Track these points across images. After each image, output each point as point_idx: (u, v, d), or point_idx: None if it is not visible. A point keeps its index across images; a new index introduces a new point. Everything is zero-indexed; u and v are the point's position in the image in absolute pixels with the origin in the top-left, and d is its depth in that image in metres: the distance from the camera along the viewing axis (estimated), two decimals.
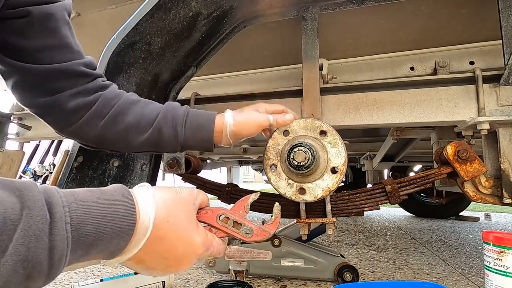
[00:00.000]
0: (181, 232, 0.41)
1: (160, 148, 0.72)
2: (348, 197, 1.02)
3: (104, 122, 0.67)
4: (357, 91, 1.05)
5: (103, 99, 0.67)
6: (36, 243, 0.28)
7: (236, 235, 0.50)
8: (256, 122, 0.74)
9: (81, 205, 0.33)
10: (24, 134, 1.71)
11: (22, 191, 0.29)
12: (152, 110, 0.70)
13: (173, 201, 0.42)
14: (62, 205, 0.31)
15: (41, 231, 0.28)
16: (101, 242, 0.34)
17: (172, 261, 0.41)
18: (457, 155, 0.91)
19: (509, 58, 0.85)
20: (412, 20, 1.12)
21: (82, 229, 0.32)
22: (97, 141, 0.70)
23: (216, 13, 0.97)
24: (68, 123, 0.67)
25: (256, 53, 1.36)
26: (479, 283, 1.21)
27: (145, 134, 0.68)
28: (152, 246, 0.39)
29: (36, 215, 0.28)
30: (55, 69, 0.60)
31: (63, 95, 0.63)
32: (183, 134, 0.70)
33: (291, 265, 1.20)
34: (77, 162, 0.82)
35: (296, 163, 0.78)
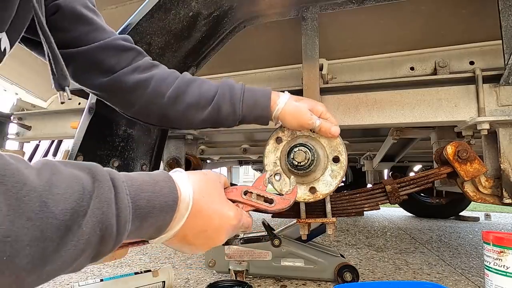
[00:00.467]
0: (216, 205, 0.46)
1: (218, 125, 0.76)
2: (348, 197, 1.02)
3: (166, 101, 0.71)
4: (357, 91, 1.05)
5: (158, 78, 0.71)
6: (107, 208, 0.32)
7: (261, 206, 0.55)
8: (301, 120, 0.74)
9: (135, 182, 0.38)
10: (24, 134, 1.71)
11: (91, 168, 0.34)
12: (210, 88, 0.73)
13: (204, 180, 0.47)
14: (122, 180, 0.36)
15: (109, 199, 0.33)
16: (152, 215, 0.38)
17: (211, 232, 0.45)
18: (457, 155, 0.91)
19: (509, 58, 0.85)
20: (412, 20, 1.12)
21: (137, 202, 0.36)
22: (160, 120, 0.75)
23: (216, 13, 0.97)
24: (130, 103, 0.72)
25: (256, 53, 1.36)
26: (479, 283, 1.21)
27: (205, 112, 0.72)
28: (193, 220, 0.43)
29: (105, 186, 0.33)
30: (99, 46, 0.65)
31: (119, 74, 0.68)
32: (241, 111, 0.73)
33: (291, 265, 1.20)
34: None
35: (297, 163, 0.78)
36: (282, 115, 0.74)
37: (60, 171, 0.30)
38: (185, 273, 1.33)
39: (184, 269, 1.39)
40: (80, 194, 0.30)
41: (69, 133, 1.62)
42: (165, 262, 1.55)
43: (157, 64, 0.75)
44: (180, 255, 1.67)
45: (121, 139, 0.92)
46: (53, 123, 1.68)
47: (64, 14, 0.62)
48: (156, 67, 0.74)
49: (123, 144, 0.93)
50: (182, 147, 1.26)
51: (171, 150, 1.26)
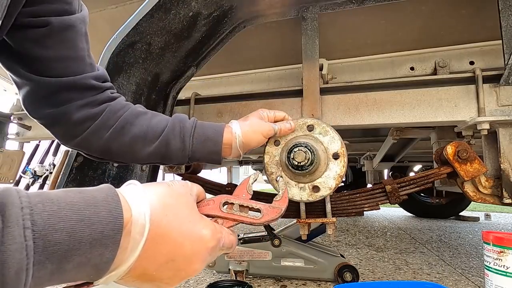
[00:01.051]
0: (185, 225, 0.35)
1: (166, 161, 0.71)
2: (348, 197, 1.02)
3: (110, 133, 0.66)
4: (357, 91, 1.05)
5: (109, 110, 0.66)
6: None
7: (245, 219, 0.45)
8: (263, 132, 0.74)
9: (49, 207, 0.26)
10: (24, 134, 1.71)
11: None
12: (160, 121, 0.69)
13: (168, 194, 0.37)
14: (21, 206, 0.25)
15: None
16: (78, 253, 0.27)
17: (181, 262, 0.35)
18: (457, 155, 0.91)
19: (509, 58, 0.85)
20: (412, 20, 1.12)
21: (50, 236, 0.25)
22: (102, 152, 0.69)
23: (216, 13, 0.97)
24: (73, 135, 0.66)
25: (256, 53, 1.36)
26: (479, 283, 1.21)
27: (152, 145, 0.68)
28: (154, 248, 0.33)
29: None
30: (66, 82, 0.60)
31: (70, 107, 0.63)
32: (191, 147, 0.69)
33: (291, 265, 1.20)
34: (77, 162, 0.82)
35: (297, 163, 0.78)
36: (245, 138, 0.71)
37: None
38: None
39: None
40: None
41: None
42: None
43: (116, 97, 0.69)
44: None
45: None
46: None
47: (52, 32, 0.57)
48: (112, 100, 0.68)
49: None
50: None
51: None
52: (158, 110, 1.05)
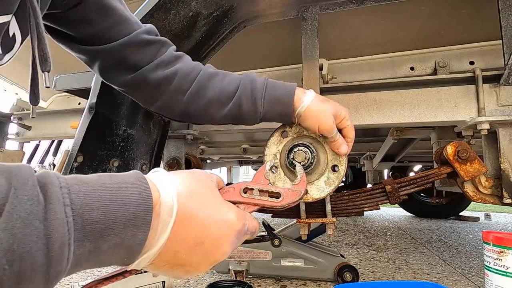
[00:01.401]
0: (210, 207, 0.36)
1: (240, 121, 0.73)
2: (348, 197, 1.02)
3: (187, 97, 0.70)
4: (357, 91, 1.05)
5: (182, 73, 0.69)
6: (23, 229, 0.22)
7: (266, 203, 0.46)
8: (321, 125, 0.68)
9: (84, 187, 0.27)
10: (24, 134, 1.71)
11: (11, 171, 0.24)
12: (231, 82, 0.71)
13: (191, 179, 0.37)
14: (60, 185, 0.26)
15: (29, 214, 0.23)
16: (113, 232, 0.27)
17: (209, 245, 0.34)
18: (457, 155, 0.91)
19: (509, 58, 0.85)
20: (412, 20, 1.12)
21: (87, 214, 0.26)
22: (182, 116, 0.74)
23: (216, 13, 0.97)
24: (153, 99, 0.71)
25: (256, 53, 1.36)
26: (479, 283, 1.21)
27: (225, 108, 0.70)
28: (183, 229, 0.32)
29: (23, 195, 0.23)
30: (122, 43, 0.64)
31: (144, 70, 0.67)
32: (262, 108, 0.70)
33: (291, 265, 1.20)
34: (77, 162, 0.82)
35: (296, 162, 0.78)
36: (305, 113, 0.70)
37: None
38: None
39: None
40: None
41: (69, 133, 1.62)
42: None
43: (181, 56, 0.73)
44: None
45: (121, 139, 0.92)
46: (53, 123, 1.68)
47: (88, 5, 0.60)
48: (180, 60, 0.72)
49: (123, 144, 0.93)
50: (182, 147, 1.26)
51: (171, 150, 1.26)
52: None
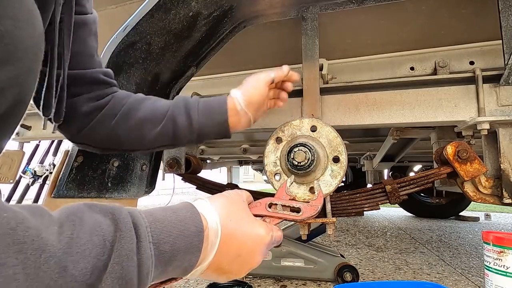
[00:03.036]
0: (245, 226, 0.44)
1: (176, 141, 0.71)
2: (348, 197, 1.02)
3: (116, 120, 0.67)
4: (357, 91, 1.05)
5: (114, 100, 0.68)
6: (127, 262, 0.30)
7: (288, 217, 0.54)
8: (260, 81, 0.72)
9: (159, 225, 0.35)
10: (24, 134, 1.71)
11: (114, 214, 0.32)
12: (164, 103, 0.71)
13: (228, 203, 0.45)
14: (145, 225, 0.34)
15: (131, 250, 0.31)
16: (176, 259, 0.36)
17: (246, 256, 0.43)
18: (457, 155, 0.91)
19: (509, 58, 0.85)
20: (412, 20, 1.12)
21: (161, 247, 0.34)
22: (109, 141, 0.70)
23: (216, 13, 0.97)
24: (80, 127, 0.67)
25: (256, 53, 1.36)
26: (479, 283, 1.21)
27: (158, 126, 0.68)
28: (225, 247, 0.41)
29: (127, 236, 0.31)
30: (78, 74, 0.63)
31: (78, 99, 0.65)
32: (198, 119, 0.69)
33: (291, 265, 1.20)
34: (77, 162, 0.82)
35: (297, 163, 0.78)
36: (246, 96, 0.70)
37: (83, 223, 0.29)
38: None
39: None
40: (101, 248, 0.29)
41: None
42: None
43: (118, 90, 0.72)
44: None
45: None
46: None
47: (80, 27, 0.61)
48: (116, 90, 0.71)
49: None
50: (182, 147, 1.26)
51: (171, 150, 1.26)
52: None
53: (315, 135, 0.81)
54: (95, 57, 0.67)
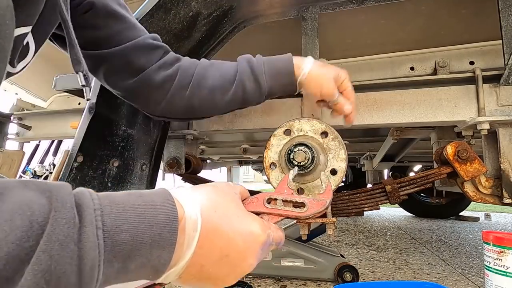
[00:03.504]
0: (234, 221, 0.36)
1: (246, 103, 0.74)
2: (348, 197, 1.02)
3: (189, 90, 0.70)
4: (357, 91, 1.04)
5: (182, 70, 0.71)
6: (60, 251, 0.24)
7: (290, 213, 0.45)
8: (324, 89, 0.72)
9: (116, 209, 0.28)
10: (24, 134, 1.71)
11: (52, 191, 0.26)
12: (229, 67, 0.73)
13: (214, 192, 0.38)
14: (94, 207, 0.27)
15: (66, 236, 0.24)
16: (139, 253, 0.29)
17: (235, 258, 0.35)
18: (457, 155, 0.91)
19: (509, 58, 0.85)
20: (412, 20, 1.12)
21: (117, 236, 0.27)
22: (187, 111, 0.73)
23: (216, 13, 0.97)
24: (157, 100, 0.71)
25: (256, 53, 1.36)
26: (479, 283, 1.21)
27: (229, 92, 0.71)
28: (207, 243, 0.33)
29: (62, 218, 0.25)
30: (130, 46, 0.66)
31: (147, 73, 0.68)
32: (266, 83, 0.70)
33: (291, 265, 1.20)
34: (77, 162, 0.82)
35: (296, 163, 0.78)
36: (307, 80, 0.71)
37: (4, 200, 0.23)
38: None
39: None
40: (25, 231, 0.22)
41: (69, 133, 1.62)
42: None
43: (180, 58, 0.75)
44: None
45: (121, 139, 0.92)
46: (53, 123, 1.68)
47: (97, 12, 0.62)
48: (180, 60, 0.74)
49: (123, 144, 0.93)
50: (182, 147, 1.26)
51: (171, 150, 1.26)
52: None
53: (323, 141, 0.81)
54: (137, 26, 0.69)
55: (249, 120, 1.13)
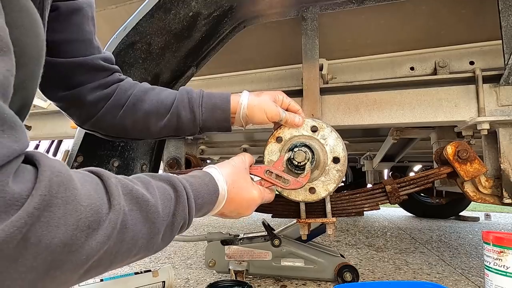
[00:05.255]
0: (244, 192, 0.61)
1: (179, 132, 0.74)
2: (348, 197, 1.02)
3: (123, 111, 0.70)
4: (357, 91, 1.05)
5: (120, 90, 0.70)
6: (184, 209, 0.47)
7: (278, 184, 0.67)
8: (268, 112, 0.73)
9: (194, 187, 0.51)
10: None
11: (171, 181, 0.47)
12: (168, 95, 0.72)
13: (233, 173, 0.60)
14: (189, 188, 0.50)
15: (185, 202, 0.47)
16: (204, 207, 0.53)
17: (242, 209, 0.62)
18: (457, 155, 0.91)
19: (509, 58, 0.85)
20: (412, 20, 1.12)
21: (197, 200, 0.51)
22: (118, 131, 0.73)
23: (216, 13, 0.97)
24: (88, 116, 0.70)
25: (256, 53, 1.36)
26: (479, 283, 1.21)
27: (164, 119, 0.71)
28: (228, 205, 0.59)
29: (183, 194, 0.47)
30: (77, 62, 0.64)
31: (83, 89, 0.66)
32: (201, 116, 0.71)
33: (291, 265, 1.20)
34: (77, 162, 0.82)
35: (297, 163, 0.78)
36: (249, 111, 0.72)
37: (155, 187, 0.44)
38: (185, 273, 1.33)
39: (184, 269, 1.39)
40: (171, 201, 0.45)
41: (69, 133, 1.62)
42: (165, 262, 1.55)
43: (123, 79, 0.73)
44: (180, 255, 1.67)
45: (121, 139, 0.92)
46: (53, 123, 1.68)
47: (59, 17, 0.60)
48: (120, 81, 0.72)
49: (123, 144, 0.93)
50: (182, 147, 1.26)
51: (171, 150, 1.26)
52: None
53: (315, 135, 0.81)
54: (94, 42, 0.67)
55: None
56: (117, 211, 0.35)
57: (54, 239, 0.29)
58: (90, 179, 0.36)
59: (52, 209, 0.29)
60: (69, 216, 0.30)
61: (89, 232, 0.32)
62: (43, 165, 0.31)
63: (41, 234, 0.28)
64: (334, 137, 0.81)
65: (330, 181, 0.80)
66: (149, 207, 0.40)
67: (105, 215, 0.34)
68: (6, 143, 0.28)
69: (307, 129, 0.83)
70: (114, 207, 0.35)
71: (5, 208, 0.27)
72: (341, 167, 0.79)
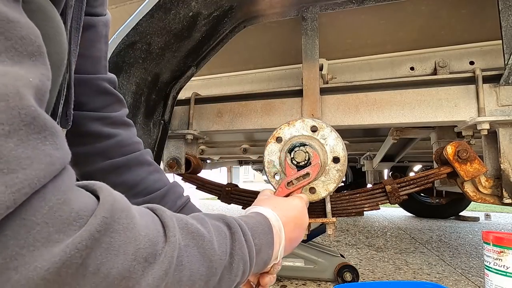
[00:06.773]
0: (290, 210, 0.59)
1: None
2: (348, 197, 1.02)
3: (105, 164, 0.62)
4: (357, 91, 1.05)
5: (117, 141, 0.63)
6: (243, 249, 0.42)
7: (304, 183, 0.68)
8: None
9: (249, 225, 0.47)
10: None
11: (224, 219, 0.44)
12: (157, 180, 0.66)
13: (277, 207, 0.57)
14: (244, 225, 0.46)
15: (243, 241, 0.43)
16: (261, 250, 0.48)
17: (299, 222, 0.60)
18: (457, 155, 0.91)
19: (509, 58, 0.85)
20: (412, 20, 1.12)
21: (255, 240, 0.46)
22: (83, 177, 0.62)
23: (216, 13, 0.97)
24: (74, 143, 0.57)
25: (256, 53, 1.36)
26: (479, 283, 1.21)
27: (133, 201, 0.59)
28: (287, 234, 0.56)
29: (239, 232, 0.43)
30: (84, 79, 0.58)
31: (82, 115, 0.59)
32: None
33: (291, 265, 1.20)
34: None
35: (296, 163, 0.78)
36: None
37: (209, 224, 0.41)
38: None
39: None
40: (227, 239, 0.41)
41: None
42: None
43: (129, 125, 0.66)
44: None
45: None
46: None
47: None
48: (125, 128, 0.65)
49: None
50: (182, 147, 1.26)
51: (171, 150, 1.26)
52: (158, 110, 1.05)
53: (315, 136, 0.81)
54: (102, 62, 0.62)
55: (249, 120, 1.13)
56: (173, 244, 0.32)
57: (112, 269, 0.26)
58: (146, 211, 0.34)
59: (114, 234, 0.26)
60: (129, 244, 0.27)
61: (146, 265, 0.28)
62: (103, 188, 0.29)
63: (101, 262, 0.25)
64: (334, 137, 0.81)
65: (330, 181, 0.80)
66: (205, 243, 0.37)
67: (161, 248, 0.31)
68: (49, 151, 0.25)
69: (307, 129, 0.83)
70: (169, 239, 0.32)
71: (63, 227, 0.23)
72: (341, 167, 0.79)
